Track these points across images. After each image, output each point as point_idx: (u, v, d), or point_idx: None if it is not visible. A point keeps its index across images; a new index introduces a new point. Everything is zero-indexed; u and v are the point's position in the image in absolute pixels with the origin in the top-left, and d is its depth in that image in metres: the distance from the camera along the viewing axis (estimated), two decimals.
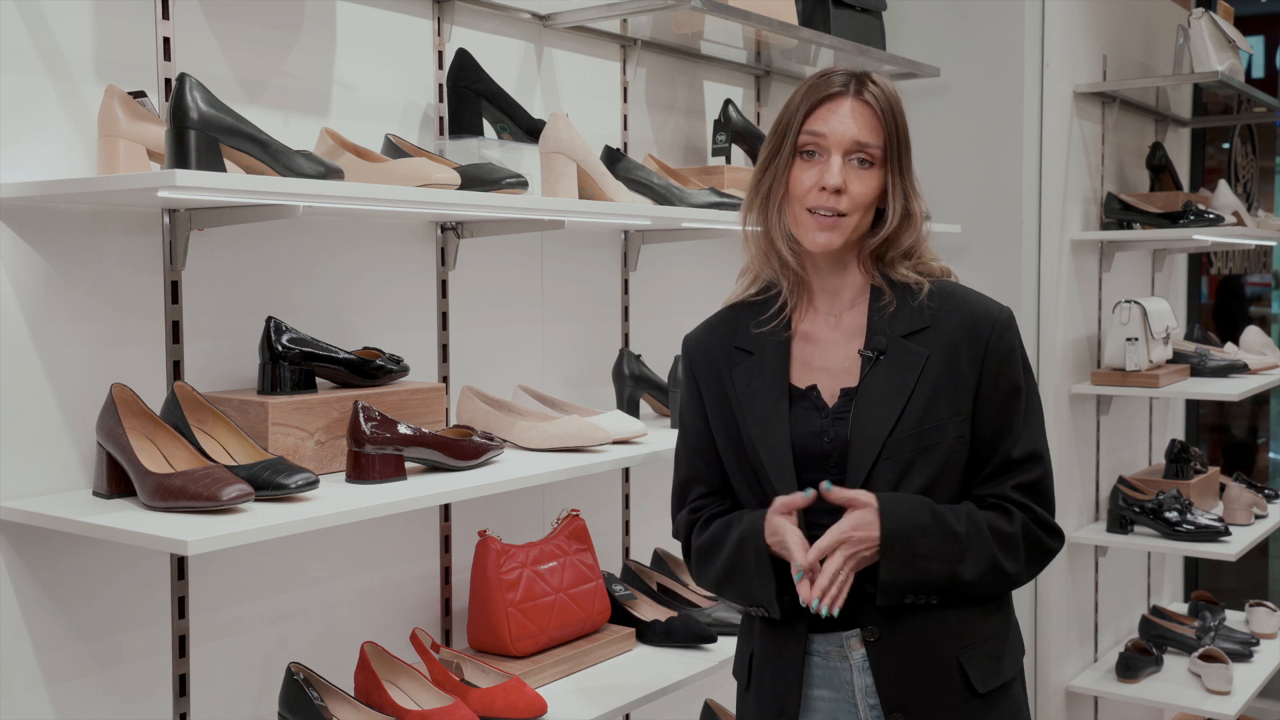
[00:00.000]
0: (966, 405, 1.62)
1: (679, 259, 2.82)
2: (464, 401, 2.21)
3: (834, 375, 1.67)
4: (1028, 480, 1.64)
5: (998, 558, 1.61)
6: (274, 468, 1.67)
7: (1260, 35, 5.83)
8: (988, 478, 1.65)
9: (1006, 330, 1.65)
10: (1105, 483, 3.98)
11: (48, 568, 1.74)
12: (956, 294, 1.67)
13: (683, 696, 2.69)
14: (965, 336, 1.63)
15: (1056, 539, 1.68)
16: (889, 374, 1.62)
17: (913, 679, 1.62)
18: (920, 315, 1.65)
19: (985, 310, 1.66)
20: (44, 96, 1.71)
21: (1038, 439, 1.66)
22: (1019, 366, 1.66)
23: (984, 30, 3.49)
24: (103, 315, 1.78)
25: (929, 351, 1.62)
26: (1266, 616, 4.10)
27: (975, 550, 1.59)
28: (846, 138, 1.61)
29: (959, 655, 1.62)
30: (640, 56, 2.70)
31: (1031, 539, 1.64)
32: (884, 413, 1.61)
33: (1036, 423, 1.67)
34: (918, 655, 1.62)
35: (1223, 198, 4.02)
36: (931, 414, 1.61)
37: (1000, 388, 1.63)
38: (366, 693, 1.95)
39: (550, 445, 2.11)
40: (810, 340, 1.70)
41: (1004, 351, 1.64)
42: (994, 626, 1.67)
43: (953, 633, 1.62)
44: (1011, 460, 1.64)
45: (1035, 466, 1.65)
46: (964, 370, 1.62)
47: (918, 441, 1.60)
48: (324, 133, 1.95)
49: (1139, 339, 3.62)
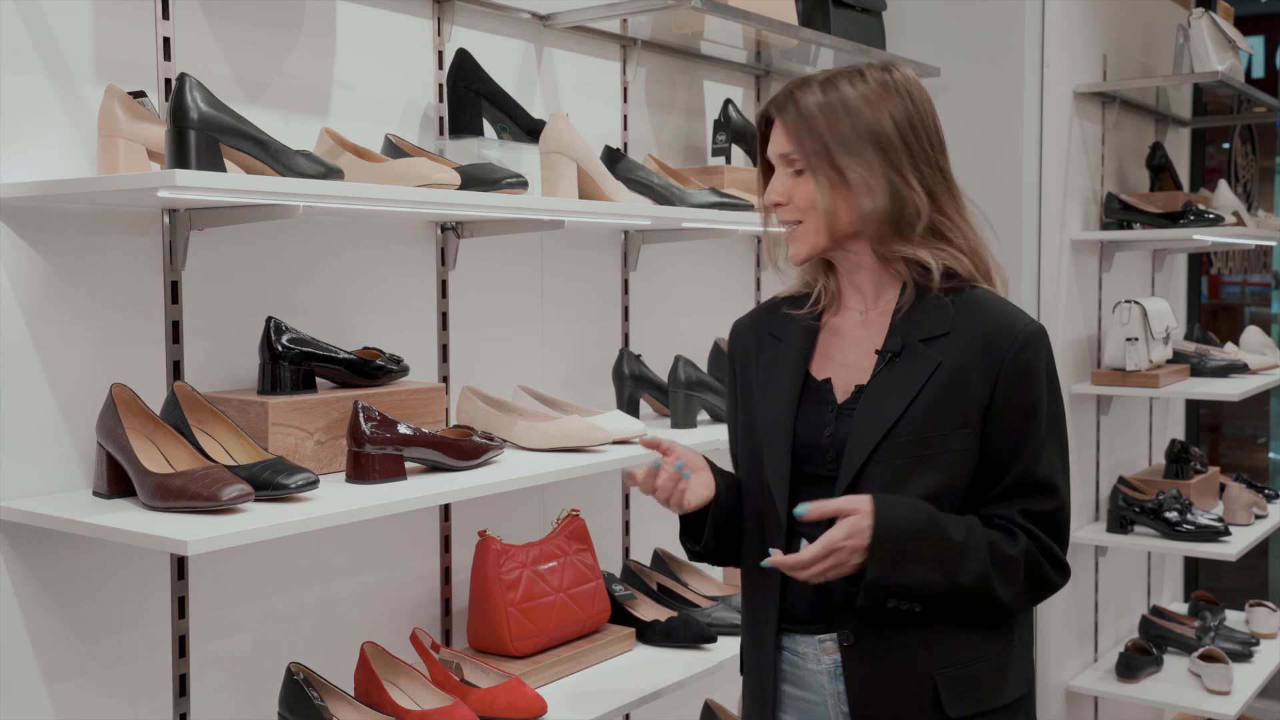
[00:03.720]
0: (975, 418, 1.57)
1: (679, 259, 2.82)
2: (464, 401, 2.21)
3: (851, 371, 1.65)
4: (1040, 510, 1.59)
5: (991, 577, 1.55)
6: (274, 468, 1.67)
7: (1260, 35, 5.83)
8: (996, 498, 1.59)
9: (1027, 347, 1.58)
10: (1105, 483, 3.98)
11: (48, 568, 1.74)
12: (984, 303, 1.61)
13: (683, 696, 2.69)
14: (982, 347, 1.58)
15: (1062, 574, 1.62)
16: (898, 376, 1.60)
17: (884, 691, 1.58)
18: (943, 320, 1.60)
19: (1009, 323, 1.59)
20: (44, 96, 1.71)
21: (1055, 469, 1.60)
22: (1039, 387, 1.58)
23: (984, 30, 3.49)
24: (103, 315, 1.78)
25: (943, 358, 1.58)
26: (1266, 616, 4.10)
27: (970, 562, 1.54)
28: (776, 153, 1.65)
29: (935, 674, 1.57)
30: (640, 56, 2.70)
31: (1034, 569, 1.58)
32: (884, 414, 1.58)
33: (1055, 450, 1.60)
34: (892, 667, 1.58)
35: (1223, 198, 4.03)
36: (935, 422, 1.57)
37: (1015, 406, 1.57)
38: (366, 693, 1.95)
39: (550, 445, 2.11)
40: (836, 334, 1.70)
41: (1022, 368, 1.57)
42: (982, 651, 1.60)
43: (932, 649, 1.57)
44: (1024, 485, 1.58)
45: (1049, 497, 1.59)
46: (975, 381, 1.57)
47: (918, 448, 1.57)
48: (324, 133, 1.95)
49: (1139, 339, 3.62)
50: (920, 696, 1.57)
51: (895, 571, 1.53)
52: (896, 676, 1.58)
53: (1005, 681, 1.62)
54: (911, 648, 1.58)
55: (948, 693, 1.57)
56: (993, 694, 1.60)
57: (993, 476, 1.59)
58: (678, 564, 2.65)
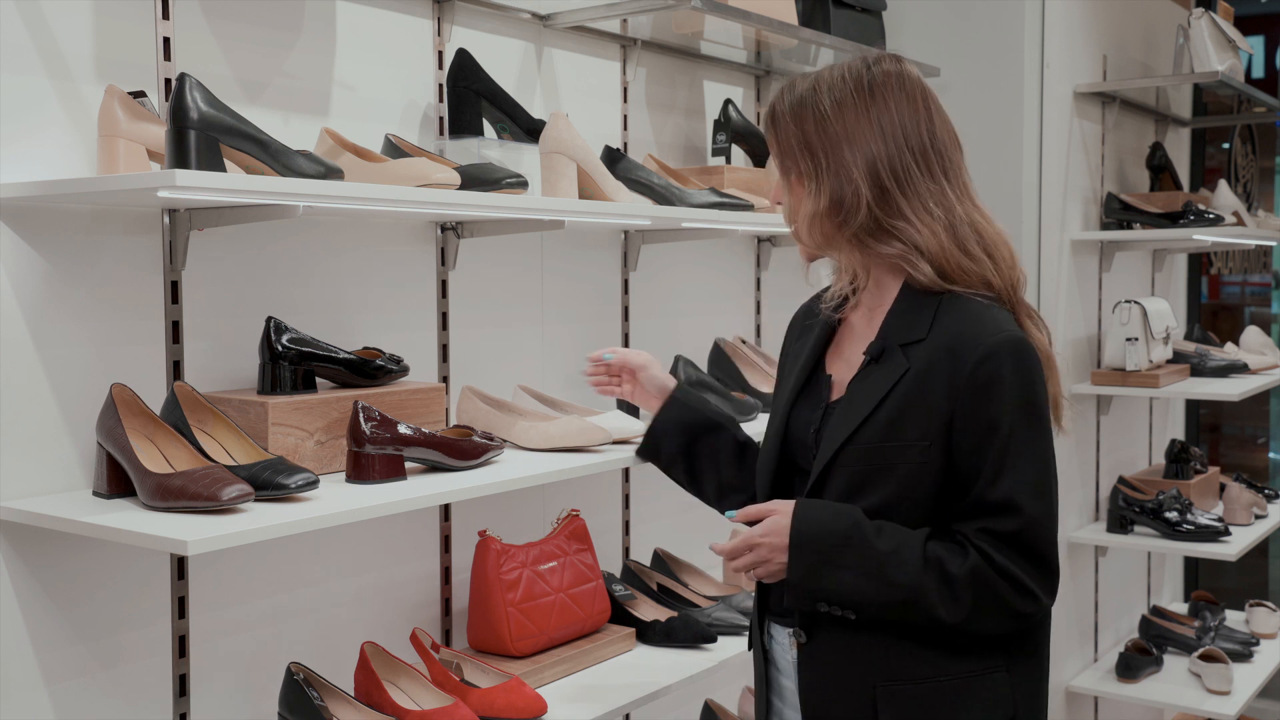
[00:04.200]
0: (936, 431, 1.51)
1: (679, 259, 2.82)
2: (464, 401, 2.21)
3: (850, 368, 1.66)
4: (1001, 530, 1.50)
5: (926, 591, 1.49)
6: (274, 468, 1.67)
7: (1260, 35, 5.83)
8: (959, 515, 1.54)
9: (990, 359, 1.50)
10: (1105, 483, 3.98)
11: (48, 568, 1.74)
12: (961, 310, 1.55)
13: (683, 696, 2.70)
14: (946, 357, 1.52)
15: (1026, 599, 1.51)
16: (871, 381, 1.58)
17: (828, 694, 1.59)
18: (923, 324, 1.56)
19: (975, 334, 1.52)
20: (44, 96, 1.71)
21: (1021, 489, 1.49)
22: (1003, 403, 1.49)
23: (984, 30, 3.49)
24: (103, 315, 1.78)
25: (910, 365, 1.54)
26: (1266, 616, 4.10)
27: (897, 574, 1.50)
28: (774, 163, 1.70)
29: (876, 685, 1.54)
30: (640, 56, 2.70)
31: (985, 588, 1.50)
32: (849, 419, 1.57)
33: (1022, 468, 1.50)
34: (835, 671, 1.58)
35: (1223, 198, 4.03)
36: (897, 432, 1.53)
37: (975, 420, 1.50)
38: (366, 693, 1.95)
39: (550, 445, 2.11)
40: (850, 329, 1.70)
41: (983, 382, 1.50)
42: (941, 671, 1.54)
43: (874, 660, 1.55)
44: (983, 503, 1.51)
45: (1010, 517, 1.49)
46: (936, 392, 1.52)
47: (876, 457, 1.54)
48: (324, 133, 1.95)
49: (1139, 339, 3.62)
50: (859, 706, 1.56)
51: (816, 575, 1.54)
52: (839, 681, 1.59)
53: (963, 707, 1.54)
54: (853, 654, 1.57)
55: (885, 706, 1.54)
56: (946, 718, 1.54)
57: (959, 491, 1.54)
58: (678, 564, 2.65)
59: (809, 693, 1.61)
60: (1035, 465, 1.52)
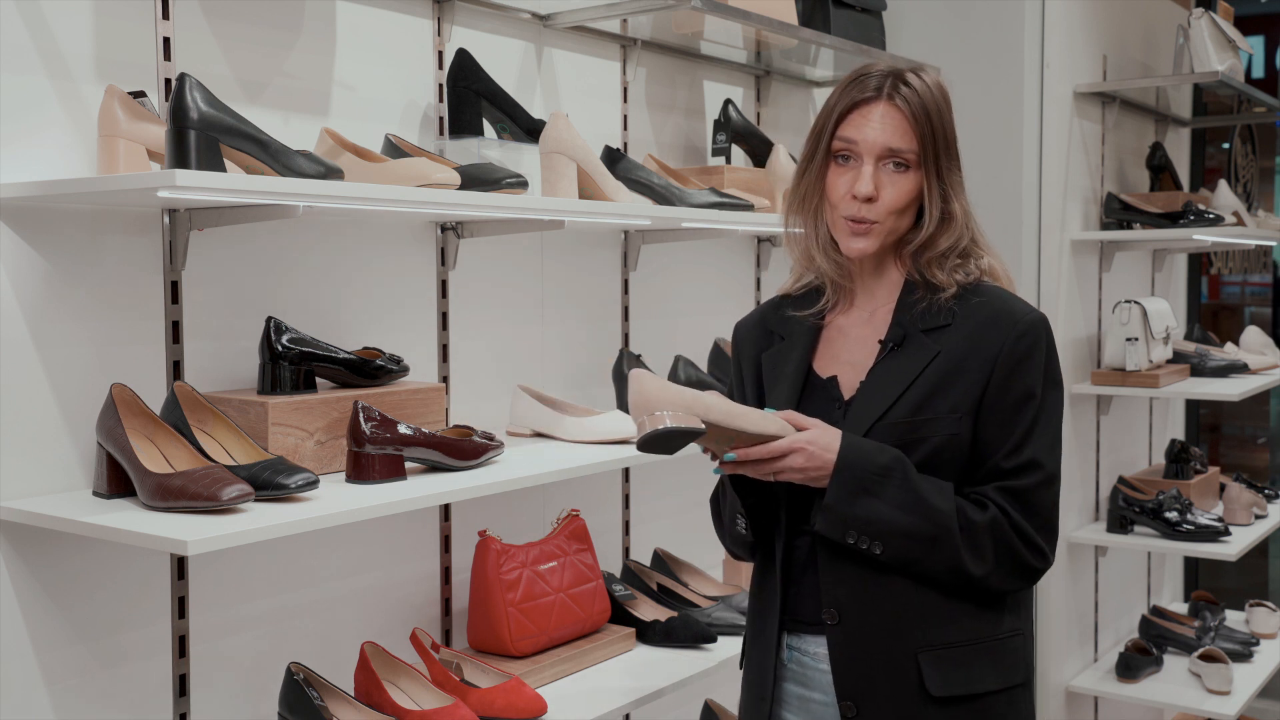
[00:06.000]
0: (968, 404, 1.58)
1: (679, 259, 2.82)
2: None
3: (856, 369, 1.66)
4: (1017, 485, 1.58)
5: (958, 542, 1.55)
6: (274, 468, 1.67)
7: (1260, 35, 5.83)
8: (979, 479, 1.60)
9: (1027, 334, 1.59)
10: (1105, 483, 3.98)
11: (48, 568, 1.74)
12: (988, 294, 1.63)
13: (683, 696, 2.69)
14: (982, 335, 1.59)
15: (1037, 556, 1.59)
16: (897, 364, 1.62)
17: (867, 669, 1.59)
18: (946, 312, 1.62)
19: (1009, 311, 1.61)
20: (44, 96, 1.71)
21: (1041, 449, 1.59)
22: (1038, 374, 1.59)
23: (984, 30, 3.50)
24: (103, 315, 1.78)
25: (941, 348, 1.60)
26: (1266, 616, 4.10)
27: (933, 514, 1.54)
28: (878, 144, 1.60)
29: (919, 653, 1.57)
30: (640, 56, 2.70)
31: (1003, 542, 1.57)
32: (880, 398, 1.60)
33: (1046, 433, 1.60)
34: (874, 644, 1.59)
35: (1223, 198, 4.03)
36: (927, 407, 1.58)
37: (1011, 391, 1.58)
38: (366, 693, 1.95)
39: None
40: (841, 333, 1.71)
41: (1021, 354, 1.58)
42: (966, 634, 1.59)
43: (914, 627, 1.57)
44: (1007, 463, 1.59)
45: (1030, 473, 1.58)
46: (972, 368, 1.58)
47: (907, 431, 1.58)
48: (324, 133, 1.95)
49: (1139, 339, 3.62)
50: (904, 674, 1.58)
51: (854, 500, 1.55)
52: (880, 654, 1.59)
53: (993, 667, 1.60)
54: (893, 624, 1.58)
55: (931, 671, 1.57)
56: (979, 678, 1.59)
57: (982, 458, 1.60)
58: (678, 564, 2.65)
59: (846, 669, 1.60)
60: (1053, 429, 1.62)
